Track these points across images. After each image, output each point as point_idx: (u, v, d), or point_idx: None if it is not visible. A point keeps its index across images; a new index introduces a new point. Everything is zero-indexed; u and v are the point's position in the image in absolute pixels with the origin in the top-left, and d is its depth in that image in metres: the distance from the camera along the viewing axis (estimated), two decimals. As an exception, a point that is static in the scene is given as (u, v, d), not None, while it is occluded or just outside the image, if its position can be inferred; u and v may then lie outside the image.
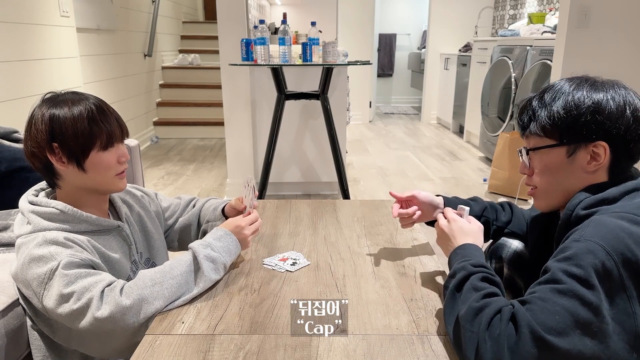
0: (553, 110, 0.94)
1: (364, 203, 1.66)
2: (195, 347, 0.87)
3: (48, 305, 0.95)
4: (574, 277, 0.77)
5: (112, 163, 1.08)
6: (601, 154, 0.92)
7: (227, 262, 1.09)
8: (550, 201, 1.02)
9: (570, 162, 0.95)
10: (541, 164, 0.99)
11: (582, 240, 0.81)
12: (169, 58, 6.05)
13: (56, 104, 1.04)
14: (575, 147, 0.94)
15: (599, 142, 0.92)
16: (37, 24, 2.74)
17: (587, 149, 0.93)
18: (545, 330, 0.74)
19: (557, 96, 0.95)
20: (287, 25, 2.72)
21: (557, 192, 0.99)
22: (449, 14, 6.15)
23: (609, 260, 0.77)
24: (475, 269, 0.92)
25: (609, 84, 0.94)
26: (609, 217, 0.84)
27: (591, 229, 0.82)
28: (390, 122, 6.90)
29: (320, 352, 0.85)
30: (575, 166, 0.95)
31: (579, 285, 0.76)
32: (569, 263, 0.79)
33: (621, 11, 2.77)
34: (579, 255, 0.79)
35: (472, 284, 0.88)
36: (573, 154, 0.94)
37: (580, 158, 0.94)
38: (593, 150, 0.93)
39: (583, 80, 0.96)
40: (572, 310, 0.75)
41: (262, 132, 3.37)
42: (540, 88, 1.01)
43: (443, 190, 3.66)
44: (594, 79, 0.96)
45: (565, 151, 0.95)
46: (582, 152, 0.94)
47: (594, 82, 0.95)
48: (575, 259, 0.78)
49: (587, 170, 0.94)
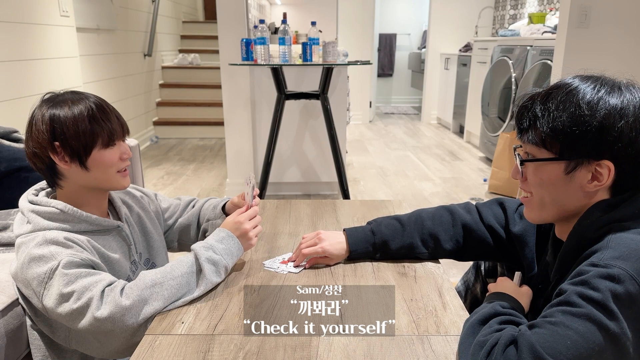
0: (557, 121, 0.82)
1: (364, 203, 1.66)
2: (195, 347, 0.87)
3: (48, 305, 0.95)
4: (590, 301, 0.70)
5: (114, 160, 1.08)
6: (604, 175, 0.82)
7: (228, 265, 1.09)
8: (543, 215, 0.91)
9: (568, 180, 0.84)
10: (535, 176, 0.88)
11: (600, 264, 0.73)
12: (169, 58, 6.05)
13: (56, 104, 1.04)
14: (576, 163, 0.83)
15: (603, 161, 0.81)
16: (37, 23, 2.74)
17: (589, 167, 0.82)
18: (551, 355, 0.67)
19: (564, 104, 0.82)
20: (287, 25, 2.72)
21: (551, 208, 0.89)
22: (449, 13, 6.15)
23: (633, 285, 0.70)
24: (503, 310, 0.84)
25: (627, 93, 0.82)
26: (629, 235, 0.77)
27: (610, 251, 0.74)
28: (391, 122, 6.89)
29: (320, 352, 0.85)
30: (573, 184, 0.84)
31: (595, 310, 0.69)
32: (586, 287, 0.71)
33: (621, 11, 2.77)
34: (597, 278, 0.71)
35: (489, 323, 0.81)
36: (572, 171, 0.83)
37: (580, 176, 0.83)
38: (596, 169, 0.82)
39: (599, 84, 0.83)
40: (587, 336, 0.68)
41: (262, 132, 3.36)
42: (546, 86, 0.89)
43: (443, 190, 3.66)
44: (612, 84, 0.83)
45: (564, 167, 0.84)
46: (583, 170, 0.83)
47: (612, 88, 0.82)
48: (593, 282, 0.71)
49: (587, 190, 0.84)
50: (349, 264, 1.18)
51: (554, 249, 0.95)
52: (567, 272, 0.83)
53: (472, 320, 0.83)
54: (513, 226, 1.11)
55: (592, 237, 0.81)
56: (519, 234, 1.09)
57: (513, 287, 0.95)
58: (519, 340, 0.71)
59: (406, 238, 1.16)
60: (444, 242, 1.15)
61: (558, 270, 0.89)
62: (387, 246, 1.16)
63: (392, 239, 1.16)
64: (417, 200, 3.44)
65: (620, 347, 0.69)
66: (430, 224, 1.17)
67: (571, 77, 0.87)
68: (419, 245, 1.16)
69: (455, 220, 1.17)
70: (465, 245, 1.16)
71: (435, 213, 1.19)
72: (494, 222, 1.14)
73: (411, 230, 1.16)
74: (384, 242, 1.16)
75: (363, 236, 1.17)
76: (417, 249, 1.16)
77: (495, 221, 1.14)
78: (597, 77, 0.86)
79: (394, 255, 1.18)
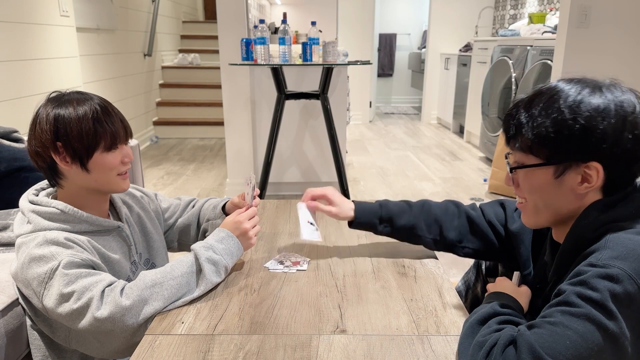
0: (541, 128, 0.83)
1: (364, 203, 1.66)
2: (195, 347, 0.87)
3: (48, 305, 0.95)
4: (589, 301, 0.70)
5: (115, 164, 1.08)
6: (594, 176, 0.82)
7: (228, 265, 1.09)
8: (539, 220, 0.92)
9: (558, 184, 0.85)
10: (526, 182, 0.89)
11: (599, 265, 0.73)
12: (169, 58, 6.05)
13: (61, 103, 1.03)
14: (564, 167, 0.84)
15: (591, 162, 0.82)
16: (37, 23, 2.74)
17: (577, 169, 0.83)
18: (550, 355, 0.67)
19: (547, 110, 0.83)
20: (287, 25, 2.72)
21: (546, 212, 0.89)
22: (450, 13, 6.15)
23: (632, 285, 0.70)
24: (502, 309, 0.85)
25: (608, 93, 0.82)
26: (627, 235, 0.77)
27: (609, 252, 0.75)
28: (391, 122, 6.89)
29: (320, 352, 0.85)
30: (564, 188, 0.85)
31: (594, 310, 0.69)
32: (584, 287, 0.72)
33: (621, 11, 2.77)
34: (596, 278, 0.72)
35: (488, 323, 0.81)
36: (562, 175, 0.84)
37: (569, 179, 0.84)
38: (585, 171, 0.83)
39: (580, 87, 0.84)
40: (586, 336, 0.68)
41: (262, 132, 3.37)
42: (532, 91, 0.90)
43: (443, 190, 3.66)
44: (594, 85, 0.84)
45: (553, 171, 0.85)
46: (571, 173, 0.84)
47: (593, 90, 0.83)
48: (591, 282, 0.72)
49: (578, 192, 0.85)
50: (349, 264, 1.18)
51: (552, 249, 0.96)
52: (566, 273, 0.84)
53: (471, 321, 0.84)
54: (511, 224, 1.13)
55: (590, 237, 0.81)
56: (516, 231, 1.11)
57: (512, 287, 0.95)
58: (518, 340, 0.71)
59: (412, 218, 1.19)
60: (448, 230, 1.17)
61: (556, 270, 0.89)
62: (392, 221, 1.19)
63: (398, 216, 1.19)
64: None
65: (619, 346, 0.69)
66: (436, 211, 1.20)
67: (555, 80, 0.88)
68: (422, 228, 1.18)
69: (461, 212, 1.19)
70: (467, 238, 1.18)
71: (442, 203, 1.23)
72: (495, 219, 1.16)
73: (417, 213, 1.19)
74: (389, 217, 1.19)
75: (370, 207, 1.21)
76: (420, 232, 1.18)
77: (495, 219, 1.16)
78: (579, 79, 0.86)
79: (398, 232, 1.20)
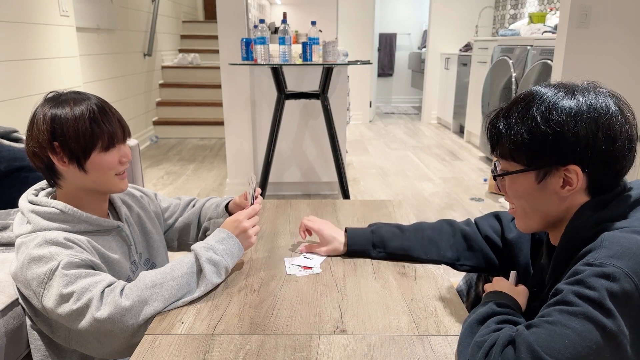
0: (517, 135, 0.85)
1: (364, 203, 1.66)
2: (195, 347, 0.87)
3: (48, 305, 0.95)
4: (587, 300, 0.70)
5: (113, 164, 1.08)
6: (574, 179, 0.83)
7: (229, 265, 1.09)
8: (530, 224, 0.93)
9: (541, 188, 0.86)
10: (511, 189, 0.90)
11: (595, 264, 0.74)
12: (169, 57, 6.05)
13: (58, 103, 1.03)
14: (544, 172, 0.85)
15: (569, 165, 0.82)
16: (37, 23, 2.74)
17: (558, 173, 0.84)
18: (549, 354, 0.67)
19: (522, 118, 0.85)
20: (287, 25, 2.72)
21: (534, 216, 0.90)
22: (450, 13, 6.15)
23: (629, 283, 0.71)
24: (500, 309, 0.85)
25: (580, 96, 0.83)
26: (622, 234, 0.77)
27: (605, 250, 0.75)
28: (391, 122, 6.89)
29: (320, 352, 0.85)
30: (547, 192, 0.86)
31: (592, 309, 0.69)
32: (582, 286, 0.72)
33: (621, 11, 2.77)
34: (593, 277, 0.72)
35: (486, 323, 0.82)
36: (543, 180, 0.85)
37: (551, 183, 0.85)
38: (565, 174, 0.84)
39: (556, 91, 0.85)
40: (585, 335, 0.68)
41: (262, 132, 3.37)
42: (512, 98, 0.91)
43: (443, 190, 3.66)
44: (569, 88, 0.85)
45: (535, 176, 0.86)
46: (553, 177, 0.85)
47: (566, 93, 0.84)
48: (589, 281, 0.72)
49: (562, 196, 0.85)
50: (349, 264, 1.18)
51: (549, 252, 0.96)
52: (563, 273, 0.84)
53: (470, 320, 0.84)
54: (508, 233, 1.14)
55: (585, 237, 0.82)
56: (514, 240, 1.12)
57: (509, 286, 0.96)
58: (517, 340, 0.71)
59: (405, 241, 1.19)
60: (444, 250, 1.18)
61: (553, 271, 0.89)
62: (385, 245, 1.20)
63: (391, 240, 1.20)
64: (417, 200, 3.44)
65: (618, 344, 0.69)
66: (430, 233, 1.20)
67: (536, 86, 0.90)
68: (418, 250, 1.18)
69: (455, 231, 1.20)
70: (464, 255, 1.18)
71: (436, 224, 1.23)
72: (491, 232, 1.17)
73: (411, 236, 1.20)
74: (382, 242, 1.20)
75: (362, 233, 1.22)
76: (416, 254, 1.18)
77: (492, 231, 1.17)
78: (556, 84, 0.88)
79: (393, 255, 1.20)
